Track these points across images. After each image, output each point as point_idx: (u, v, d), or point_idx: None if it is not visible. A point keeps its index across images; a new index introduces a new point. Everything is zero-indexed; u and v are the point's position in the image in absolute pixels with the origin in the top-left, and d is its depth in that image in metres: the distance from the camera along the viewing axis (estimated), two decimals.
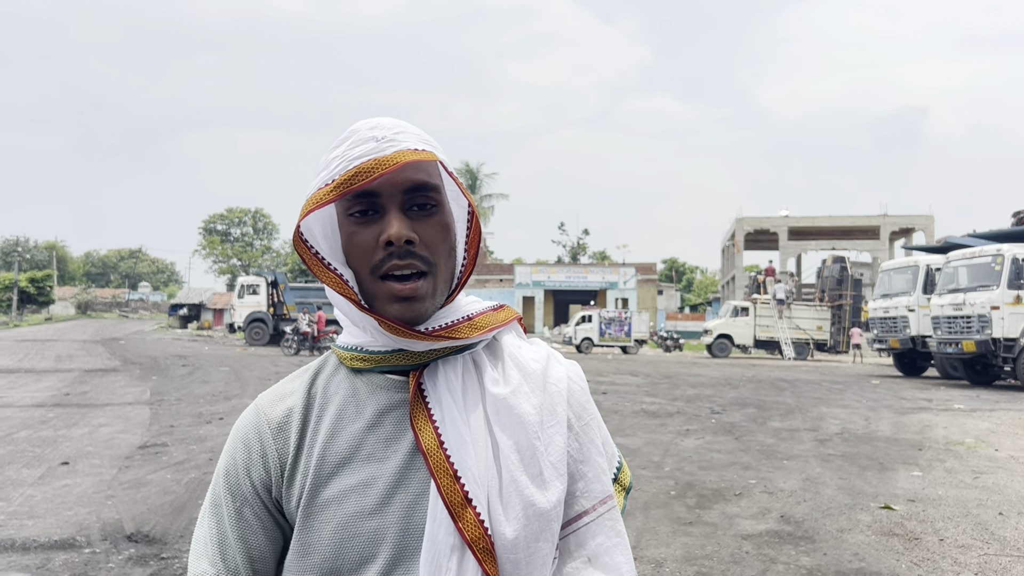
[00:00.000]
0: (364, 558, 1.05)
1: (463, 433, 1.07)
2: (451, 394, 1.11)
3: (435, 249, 1.10)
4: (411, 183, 1.08)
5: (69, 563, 4.90)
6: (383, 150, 1.08)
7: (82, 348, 29.37)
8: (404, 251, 1.07)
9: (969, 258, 19.46)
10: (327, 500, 1.08)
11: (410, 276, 1.08)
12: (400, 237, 1.06)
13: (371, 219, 1.08)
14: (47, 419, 11.01)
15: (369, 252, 1.08)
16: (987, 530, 5.95)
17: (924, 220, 52.41)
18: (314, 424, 1.14)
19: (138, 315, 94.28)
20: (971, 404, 14.74)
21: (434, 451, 1.06)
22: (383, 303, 1.09)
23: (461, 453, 1.06)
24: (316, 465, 1.10)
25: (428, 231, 1.09)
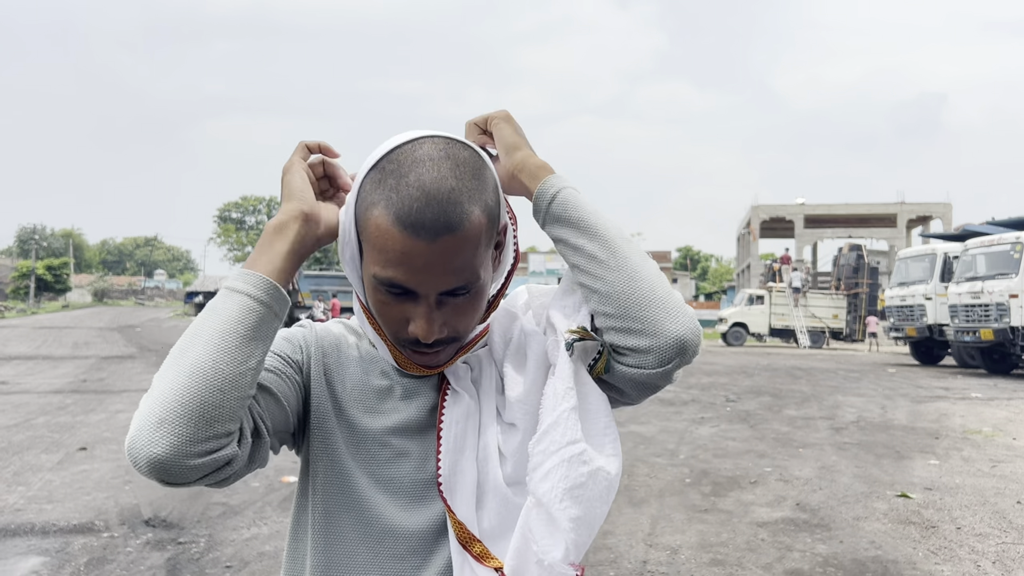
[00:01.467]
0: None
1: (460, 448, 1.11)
2: (465, 389, 1.15)
3: (462, 329, 1.09)
4: (448, 288, 1.03)
5: (88, 547, 4.94)
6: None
7: (99, 335, 29.59)
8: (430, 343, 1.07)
9: (987, 246, 19.29)
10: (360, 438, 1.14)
11: (436, 351, 1.09)
12: (429, 338, 1.05)
13: (404, 299, 1.05)
14: (65, 405, 11.10)
15: (394, 325, 1.07)
16: (1005, 518, 5.91)
17: (942, 208, 51.99)
18: (348, 365, 1.19)
19: (154, 303, 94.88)
20: (988, 393, 14.64)
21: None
22: (398, 356, 1.13)
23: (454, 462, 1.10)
24: (350, 407, 1.16)
25: (459, 313, 1.06)
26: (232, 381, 0.92)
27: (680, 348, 1.00)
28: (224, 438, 0.92)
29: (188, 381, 0.90)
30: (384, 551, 1.10)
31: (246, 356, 0.94)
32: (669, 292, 1.02)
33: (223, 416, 0.91)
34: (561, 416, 1.00)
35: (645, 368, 1.02)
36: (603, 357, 1.06)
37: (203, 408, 0.90)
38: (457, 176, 1.01)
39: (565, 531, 0.97)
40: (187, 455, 0.89)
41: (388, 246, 1.00)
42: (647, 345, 1.00)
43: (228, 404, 0.92)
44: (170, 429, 0.88)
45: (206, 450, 0.90)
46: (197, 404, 0.89)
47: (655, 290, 1.01)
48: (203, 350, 0.93)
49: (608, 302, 1.02)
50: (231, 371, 0.92)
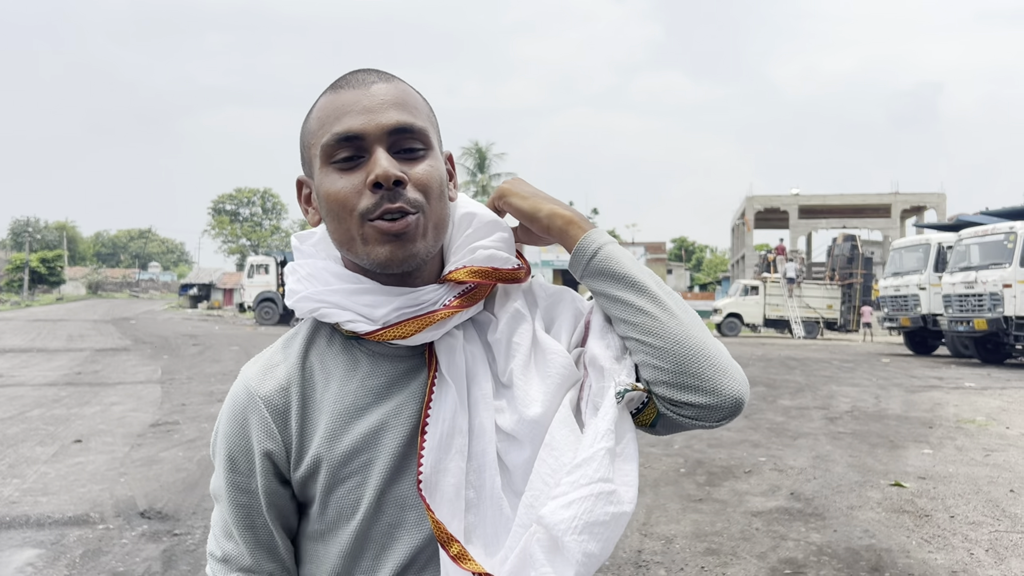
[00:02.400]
0: (392, 526, 1.07)
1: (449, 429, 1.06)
2: (458, 378, 1.09)
3: (427, 188, 1.05)
4: (398, 124, 1.04)
5: (83, 539, 4.94)
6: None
7: (93, 328, 29.52)
8: (394, 193, 1.02)
9: (981, 236, 19.32)
10: (346, 475, 1.07)
11: (401, 214, 1.03)
12: (388, 177, 1.00)
13: (356, 165, 1.04)
14: (60, 398, 11.08)
15: (356, 198, 1.03)
16: (998, 507, 5.94)
17: (936, 198, 52.06)
18: (317, 402, 1.09)
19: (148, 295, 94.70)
20: (982, 382, 14.69)
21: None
22: (372, 246, 1.04)
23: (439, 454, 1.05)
24: (327, 445, 1.07)
25: (416, 174, 1.05)
26: None
27: (737, 406, 1.04)
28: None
29: None
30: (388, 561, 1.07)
31: None
32: (719, 348, 1.05)
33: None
34: (597, 453, 0.99)
35: (705, 421, 1.04)
36: (649, 408, 1.07)
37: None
38: (388, 73, 1.10)
39: (576, 563, 0.95)
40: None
41: (329, 110, 1.05)
42: (706, 403, 1.02)
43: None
44: None
45: None
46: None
47: (707, 347, 1.03)
48: None
49: (663, 358, 1.03)
50: None
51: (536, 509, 0.99)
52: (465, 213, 1.16)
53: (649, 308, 1.04)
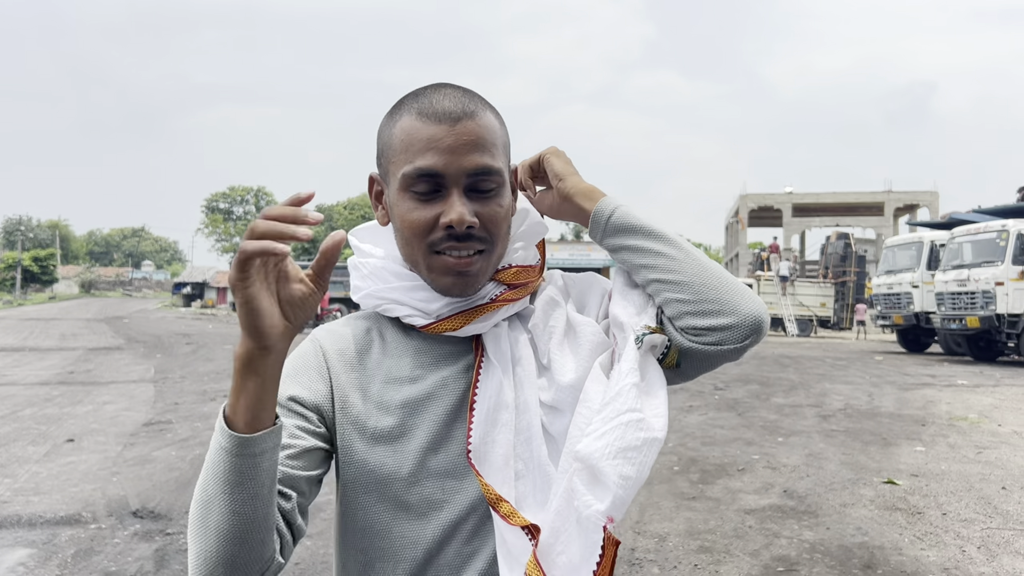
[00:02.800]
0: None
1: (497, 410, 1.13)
2: (503, 365, 1.16)
3: (494, 230, 1.13)
4: (477, 167, 1.10)
5: (75, 539, 4.93)
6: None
7: (86, 326, 29.45)
8: (464, 235, 1.09)
9: (974, 234, 19.38)
10: (387, 436, 1.14)
11: (467, 253, 1.11)
12: (462, 223, 1.08)
13: (431, 199, 1.10)
14: (52, 397, 11.05)
15: (427, 230, 1.10)
16: (990, 504, 5.96)
17: (929, 196, 52.17)
18: (371, 366, 1.18)
19: (141, 294, 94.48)
20: (974, 380, 14.74)
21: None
22: (436, 275, 1.13)
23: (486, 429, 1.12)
24: (374, 404, 1.15)
25: (488, 212, 1.11)
26: (258, 528, 0.97)
27: (757, 325, 1.11)
28: (266, 563, 1.00)
29: (219, 543, 0.95)
30: (430, 526, 1.12)
31: (259, 502, 0.96)
32: (733, 278, 1.13)
33: (259, 556, 0.98)
34: (624, 388, 1.05)
35: (726, 344, 1.11)
36: (672, 351, 1.15)
37: (240, 561, 0.97)
38: (471, 92, 1.14)
39: (614, 486, 1.00)
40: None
41: (414, 139, 1.09)
42: (728, 323, 1.09)
43: (255, 544, 0.98)
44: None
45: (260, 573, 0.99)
46: (234, 560, 0.96)
47: (724, 276, 1.12)
48: (220, 513, 0.95)
49: (685, 290, 1.11)
50: (254, 522, 0.96)
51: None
52: (520, 209, 1.26)
53: (667, 251, 1.13)
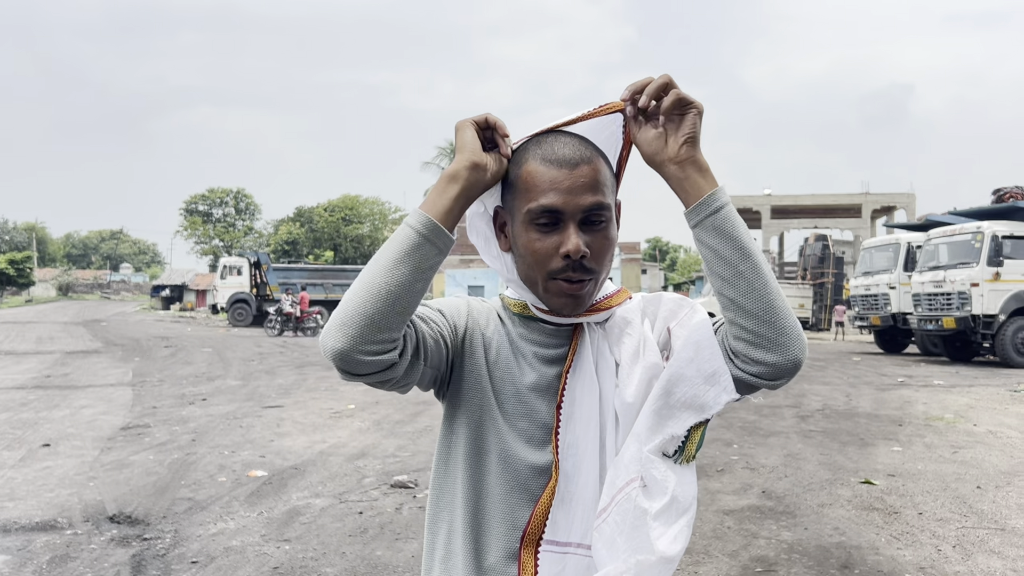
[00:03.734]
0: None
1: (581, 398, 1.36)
2: (585, 362, 1.37)
3: (601, 260, 1.32)
4: (591, 205, 1.29)
5: (50, 545, 4.88)
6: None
7: (63, 330, 29.16)
8: (578, 264, 1.28)
9: (949, 236, 19.55)
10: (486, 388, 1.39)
11: (579, 280, 1.30)
12: (578, 253, 1.27)
13: (551, 231, 1.29)
14: (28, 401, 10.94)
15: (548, 259, 1.30)
16: (965, 503, 6.02)
17: (905, 198, 52.59)
18: (496, 332, 1.43)
19: (120, 297, 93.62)
20: (950, 380, 14.88)
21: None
22: (552, 297, 1.33)
23: (571, 411, 1.36)
24: (492, 360, 1.41)
25: (597, 244, 1.31)
26: (395, 297, 1.18)
27: (795, 367, 1.25)
28: (388, 343, 1.19)
29: (364, 295, 1.18)
30: (517, 477, 1.35)
31: (406, 278, 1.19)
32: (794, 318, 1.24)
33: (387, 325, 1.18)
34: (639, 521, 1.25)
35: (764, 378, 1.26)
36: (690, 445, 1.30)
37: (372, 317, 1.17)
38: (585, 140, 1.33)
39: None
40: (358, 351, 1.17)
41: (539, 181, 1.29)
42: (774, 360, 1.23)
43: (391, 316, 1.18)
44: (346, 331, 1.17)
45: (373, 351, 1.18)
46: (368, 313, 1.17)
47: (787, 316, 1.23)
48: (374, 272, 1.20)
49: (749, 319, 1.23)
50: (394, 290, 1.18)
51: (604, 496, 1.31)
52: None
53: (748, 273, 1.22)
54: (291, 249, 65.08)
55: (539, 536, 1.34)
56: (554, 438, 1.35)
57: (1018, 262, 18.21)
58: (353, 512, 5.67)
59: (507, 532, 1.35)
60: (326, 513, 5.64)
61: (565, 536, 1.33)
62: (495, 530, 1.36)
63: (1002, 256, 18.12)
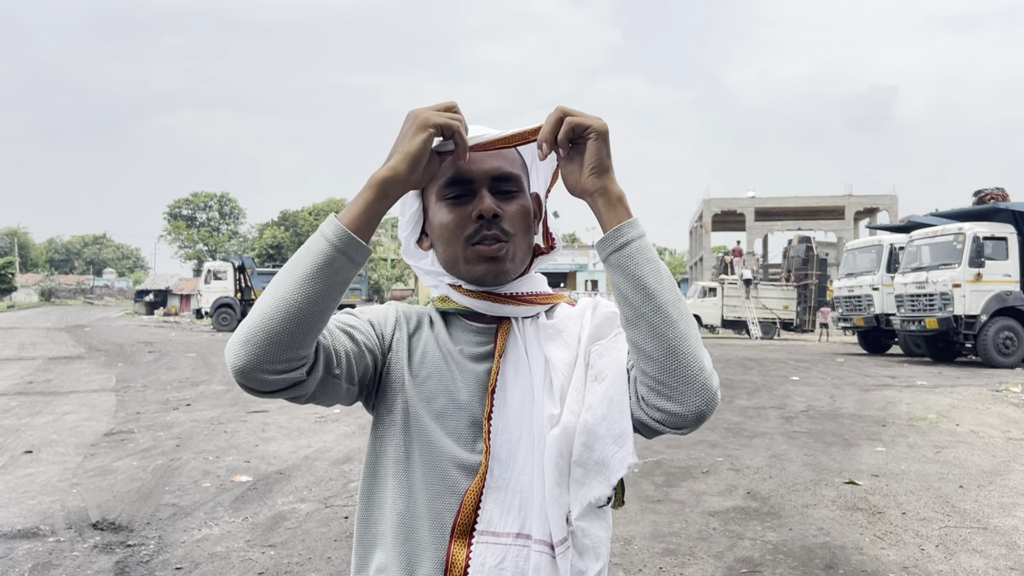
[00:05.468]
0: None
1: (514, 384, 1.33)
2: (516, 353, 1.35)
3: (516, 223, 1.32)
4: (500, 170, 1.31)
5: (33, 552, 4.84)
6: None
7: (46, 335, 28.93)
8: (491, 223, 1.29)
9: (931, 237, 19.71)
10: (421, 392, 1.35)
11: (495, 241, 1.30)
12: (490, 211, 1.28)
13: (464, 201, 1.31)
14: (10, 408, 10.85)
15: (463, 226, 1.30)
16: (948, 503, 6.06)
17: (888, 200, 52.99)
18: (423, 336, 1.41)
19: (103, 302, 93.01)
20: (933, 380, 14.99)
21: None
22: (471, 264, 1.32)
23: (502, 408, 1.32)
24: (417, 362, 1.38)
25: (511, 209, 1.32)
26: (303, 316, 1.13)
27: (698, 420, 1.19)
28: (294, 361, 1.15)
29: (271, 311, 1.13)
30: (446, 480, 1.30)
31: (317, 295, 1.14)
32: (702, 367, 1.17)
33: (293, 344, 1.13)
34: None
35: (667, 426, 1.21)
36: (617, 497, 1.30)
37: (277, 335, 1.12)
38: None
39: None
40: (261, 370, 1.13)
41: (447, 165, 1.29)
42: (673, 410, 1.18)
43: (298, 335, 1.13)
44: (249, 348, 1.12)
45: (277, 369, 1.13)
46: (273, 331, 1.12)
47: (691, 366, 1.16)
48: (284, 286, 1.14)
49: (649, 363, 1.18)
50: (304, 308, 1.13)
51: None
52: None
53: (651, 316, 1.17)
54: (276, 253, 64.82)
55: (471, 527, 1.27)
56: (486, 424, 1.30)
57: (999, 263, 18.39)
58: (339, 517, 5.65)
59: (438, 540, 1.29)
60: (311, 518, 5.62)
61: (501, 526, 1.27)
62: (425, 538, 1.29)
63: (983, 257, 18.29)
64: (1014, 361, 17.91)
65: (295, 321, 1.12)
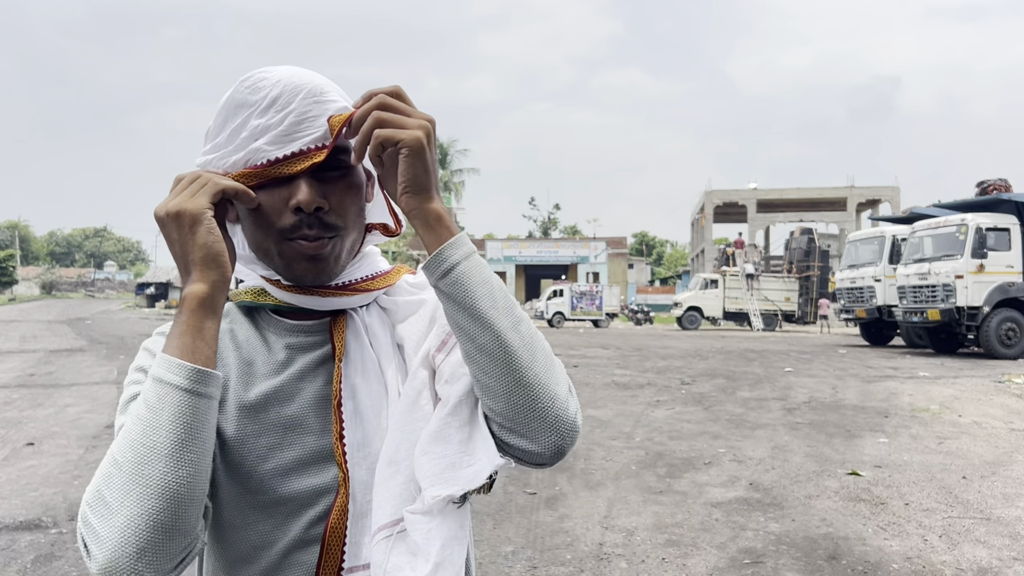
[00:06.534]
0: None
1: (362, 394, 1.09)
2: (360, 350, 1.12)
3: (344, 213, 1.07)
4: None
5: (35, 544, 4.84)
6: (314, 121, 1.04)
7: (47, 328, 28.95)
8: (313, 218, 1.04)
9: (934, 228, 19.68)
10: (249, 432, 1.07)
11: (318, 238, 1.05)
12: (310, 204, 1.02)
13: (281, 183, 1.04)
14: (11, 400, 10.85)
15: (277, 215, 1.04)
16: (951, 494, 6.05)
17: (890, 191, 52.92)
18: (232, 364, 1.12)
19: (104, 295, 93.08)
20: (935, 372, 14.97)
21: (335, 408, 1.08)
22: (288, 261, 1.07)
23: (354, 422, 1.08)
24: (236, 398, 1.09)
25: (338, 194, 1.06)
26: (200, 490, 0.92)
27: (556, 456, 1.01)
28: (196, 538, 0.94)
29: (161, 504, 0.88)
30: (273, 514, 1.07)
31: (205, 456, 0.93)
32: (552, 398, 0.99)
33: (195, 522, 0.93)
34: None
35: (525, 460, 1.03)
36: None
37: (178, 526, 0.89)
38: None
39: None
40: (168, 572, 0.90)
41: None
42: (527, 448, 1.00)
43: (199, 510, 0.93)
44: (152, 557, 0.88)
45: (183, 558, 0.92)
46: (171, 525, 0.89)
47: (540, 399, 0.98)
48: (167, 466, 0.89)
49: (495, 400, 0.99)
50: (198, 481, 0.91)
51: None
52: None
53: (490, 347, 0.98)
54: None
55: (338, 568, 1.05)
56: (338, 444, 1.06)
57: (1002, 254, 18.36)
58: None
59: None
60: None
61: (368, 552, 1.05)
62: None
63: (986, 248, 18.26)
64: (1016, 352, 17.90)
65: (187, 501, 0.90)
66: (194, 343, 0.95)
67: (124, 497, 0.88)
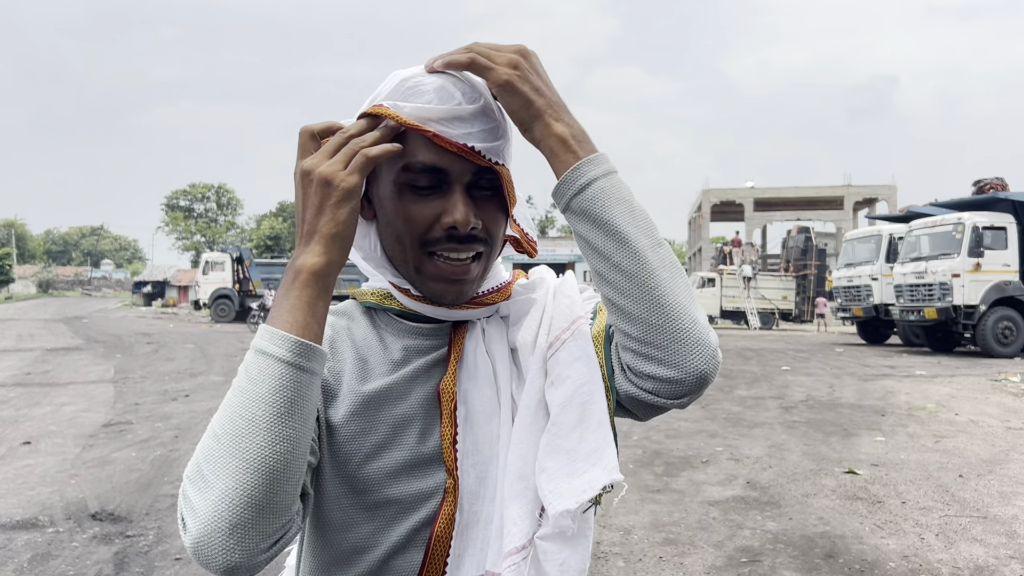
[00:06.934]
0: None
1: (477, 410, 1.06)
2: (476, 355, 1.09)
3: (493, 232, 1.06)
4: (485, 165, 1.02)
5: (32, 543, 4.83)
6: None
7: (44, 327, 28.90)
8: (465, 236, 1.02)
9: (931, 227, 19.70)
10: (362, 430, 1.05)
11: (463, 262, 1.04)
12: (466, 225, 1.00)
13: (431, 195, 1.01)
14: (8, 399, 10.83)
15: (425, 227, 1.02)
16: (947, 492, 6.06)
17: (887, 190, 52.94)
18: (348, 359, 1.10)
19: (101, 293, 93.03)
20: (932, 370, 14.99)
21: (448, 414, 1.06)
22: (426, 279, 1.05)
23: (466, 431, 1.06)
24: (350, 390, 1.06)
25: (488, 214, 1.04)
26: (297, 468, 0.88)
27: (700, 383, 0.96)
28: (291, 521, 0.90)
29: (256, 479, 0.84)
30: (376, 517, 1.05)
31: (304, 433, 0.89)
32: (694, 321, 0.95)
33: (290, 502, 0.88)
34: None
35: (662, 397, 0.97)
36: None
37: (272, 504, 0.86)
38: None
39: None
40: (261, 552, 0.86)
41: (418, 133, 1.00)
42: (667, 376, 0.95)
43: (294, 490, 0.89)
44: (244, 534, 0.84)
45: (276, 540, 0.88)
46: (266, 502, 0.85)
47: (681, 319, 0.94)
48: (264, 440, 0.85)
49: (631, 323, 0.95)
50: (296, 459, 0.87)
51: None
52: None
53: (628, 266, 0.95)
54: (273, 244, 64.81)
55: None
56: (452, 450, 1.04)
57: (998, 253, 18.39)
58: None
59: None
60: None
61: (475, 569, 1.02)
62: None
63: (983, 247, 18.29)
64: (1013, 351, 17.93)
65: (283, 478, 0.86)
66: (306, 320, 0.91)
67: (220, 470, 0.85)
